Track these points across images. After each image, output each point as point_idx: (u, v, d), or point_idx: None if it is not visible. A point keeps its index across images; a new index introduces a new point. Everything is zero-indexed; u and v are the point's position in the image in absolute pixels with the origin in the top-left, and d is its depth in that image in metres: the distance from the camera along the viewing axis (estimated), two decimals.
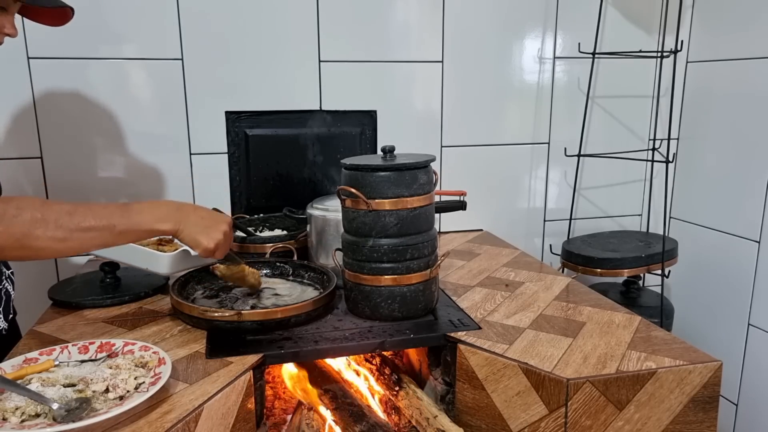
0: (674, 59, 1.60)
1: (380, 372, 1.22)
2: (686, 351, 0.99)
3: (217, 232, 1.03)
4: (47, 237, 0.85)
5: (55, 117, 1.48)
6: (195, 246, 1.03)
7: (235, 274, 1.16)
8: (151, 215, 0.96)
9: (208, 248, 1.03)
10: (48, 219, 0.85)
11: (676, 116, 1.90)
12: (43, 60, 1.44)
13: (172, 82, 1.53)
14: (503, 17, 1.72)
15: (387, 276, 1.09)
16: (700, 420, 0.96)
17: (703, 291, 1.86)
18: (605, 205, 1.94)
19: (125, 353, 0.93)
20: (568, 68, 1.80)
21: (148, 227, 0.96)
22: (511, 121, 1.80)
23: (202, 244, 1.02)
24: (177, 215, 0.99)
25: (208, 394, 0.86)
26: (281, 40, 1.58)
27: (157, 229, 0.97)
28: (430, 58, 1.69)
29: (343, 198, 1.11)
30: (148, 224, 0.96)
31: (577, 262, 1.66)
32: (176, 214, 0.99)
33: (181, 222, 0.99)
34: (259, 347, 1.01)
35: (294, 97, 1.62)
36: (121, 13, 1.47)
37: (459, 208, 1.36)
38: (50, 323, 1.13)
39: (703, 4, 1.80)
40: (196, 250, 1.04)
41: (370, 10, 1.62)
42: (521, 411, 0.97)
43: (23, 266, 1.52)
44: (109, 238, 0.92)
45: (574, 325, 1.10)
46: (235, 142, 1.60)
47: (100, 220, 0.90)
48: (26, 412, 0.78)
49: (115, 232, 0.92)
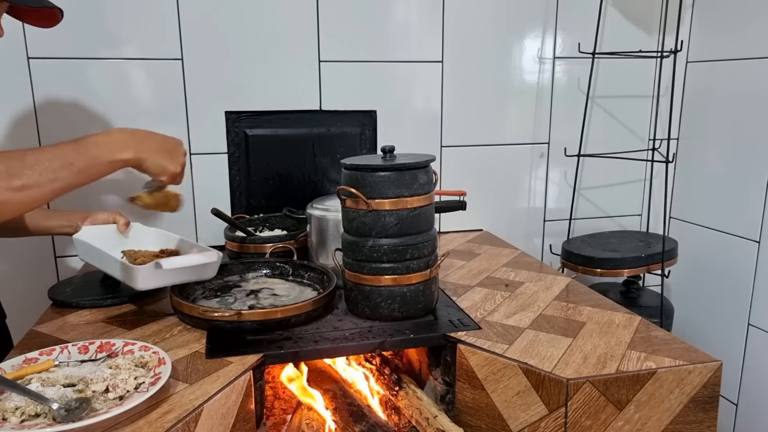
0: (674, 59, 1.60)
1: (380, 372, 1.22)
2: (686, 351, 0.99)
3: (178, 154, 1.00)
4: (2, 188, 0.79)
5: (55, 117, 1.48)
6: (161, 172, 0.98)
7: (159, 200, 1.11)
8: (108, 146, 0.91)
9: (176, 172, 0.99)
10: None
11: (676, 116, 1.90)
12: (43, 60, 1.44)
13: (172, 82, 1.54)
14: (503, 17, 1.72)
15: (387, 276, 1.09)
16: (700, 420, 0.96)
17: (703, 291, 1.86)
18: (605, 205, 1.94)
19: (125, 353, 0.93)
20: (568, 68, 1.80)
21: (109, 158, 0.90)
22: (511, 121, 1.80)
23: (168, 169, 0.98)
24: (134, 143, 0.93)
25: (208, 394, 0.86)
26: (281, 40, 1.58)
27: (118, 159, 0.91)
28: (430, 58, 1.69)
29: (343, 198, 1.11)
30: (107, 155, 0.90)
31: (577, 262, 1.66)
32: (132, 141, 0.93)
33: (140, 149, 0.94)
34: (259, 347, 1.00)
35: (294, 97, 1.62)
36: (121, 13, 1.47)
37: (459, 208, 1.36)
38: (50, 323, 1.13)
39: (703, 4, 1.80)
40: (162, 176, 0.99)
41: (370, 10, 1.62)
42: (521, 411, 0.97)
43: (23, 266, 1.52)
44: (70, 178, 0.85)
45: (574, 325, 1.10)
46: (235, 142, 1.61)
47: (54, 160, 0.84)
48: (26, 412, 0.78)
49: (74, 170, 0.86)
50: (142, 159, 0.94)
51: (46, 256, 1.53)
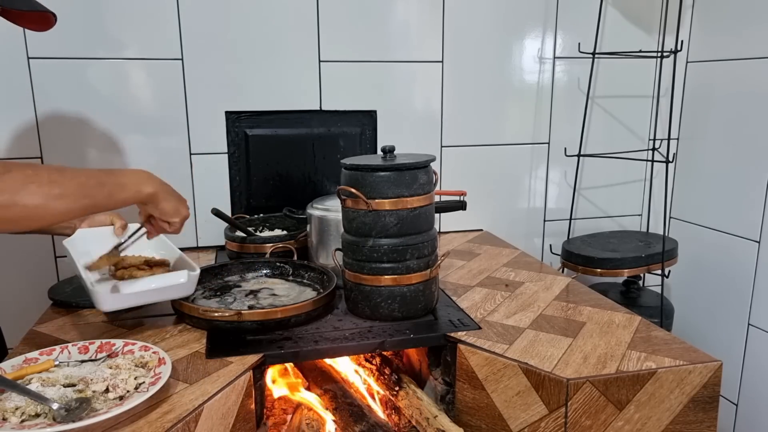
0: (674, 59, 1.60)
1: (380, 372, 1.22)
2: (686, 351, 0.99)
3: (185, 206, 1.04)
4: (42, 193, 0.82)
5: (56, 117, 1.48)
6: (175, 213, 1.02)
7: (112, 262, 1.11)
8: (135, 178, 0.96)
9: (186, 216, 1.04)
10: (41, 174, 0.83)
11: (676, 116, 1.90)
12: (43, 60, 1.44)
13: (172, 82, 1.53)
14: (503, 17, 1.72)
15: (387, 276, 1.09)
16: (700, 420, 0.96)
17: (703, 291, 1.86)
18: (605, 205, 1.94)
19: (125, 353, 0.94)
20: (568, 68, 1.80)
21: (135, 188, 0.95)
22: (511, 121, 1.80)
23: (181, 211, 1.03)
24: (156, 181, 0.99)
25: (208, 394, 0.86)
26: (281, 40, 1.58)
27: (142, 191, 0.96)
28: (430, 58, 1.69)
29: (343, 198, 1.11)
30: (134, 185, 0.95)
31: (577, 262, 1.66)
32: (155, 180, 0.99)
33: (161, 189, 0.99)
34: (259, 347, 1.01)
35: (294, 97, 1.62)
36: (121, 13, 1.47)
37: (459, 208, 1.36)
38: (50, 323, 1.13)
39: (703, 4, 1.80)
40: (174, 217, 1.02)
41: (370, 10, 1.62)
42: (521, 411, 0.97)
43: (23, 266, 1.52)
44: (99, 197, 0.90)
45: (574, 325, 1.10)
46: (235, 142, 1.61)
47: (90, 178, 0.89)
48: (26, 412, 0.78)
49: (104, 191, 0.90)
50: (161, 197, 0.99)
51: (46, 256, 1.53)
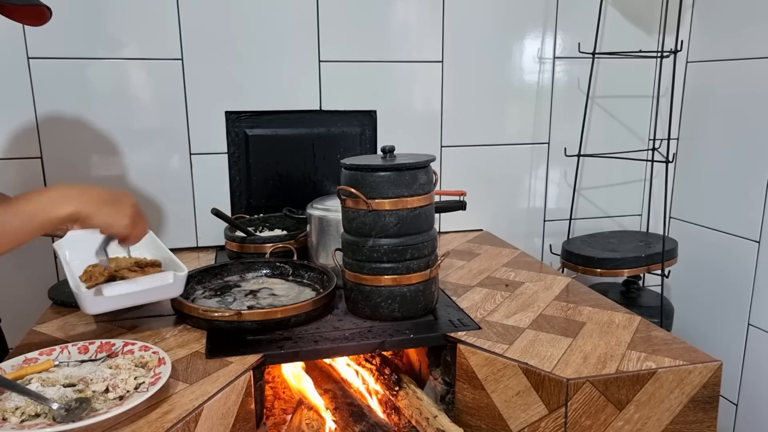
0: (674, 59, 1.60)
1: (380, 372, 1.22)
2: (686, 351, 0.99)
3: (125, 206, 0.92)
4: None
5: (55, 117, 1.48)
6: (110, 226, 0.92)
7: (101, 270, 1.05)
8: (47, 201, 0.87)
9: (127, 225, 0.92)
10: None
11: (676, 116, 1.90)
12: (43, 60, 1.44)
13: (172, 82, 1.53)
14: (503, 17, 1.72)
15: (387, 276, 1.09)
16: (700, 420, 0.96)
17: (703, 291, 1.86)
18: (605, 205, 1.94)
19: (125, 353, 0.94)
20: (568, 68, 1.80)
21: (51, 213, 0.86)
22: (511, 121, 1.80)
23: (115, 222, 0.91)
24: (72, 197, 0.88)
25: (208, 394, 0.86)
26: (281, 40, 1.58)
27: (58, 213, 0.86)
28: (430, 58, 1.69)
29: (343, 198, 1.11)
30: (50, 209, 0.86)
31: (577, 262, 1.66)
32: (71, 196, 0.88)
33: (82, 203, 0.87)
34: (259, 347, 1.01)
35: (294, 97, 1.62)
36: (121, 13, 1.47)
37: (459, 208, 1.36)
38: (50, 323, 1.13)
39: (703, 4, 1.80)
40: (108, 230, 0.93)
41: (370, 10, 1.62)
42: (521, 411, 0.97)
43: (23, 266, 1.52)
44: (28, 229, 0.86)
45: (574, 325, 1.10)
46: (235, 142, 1.60)
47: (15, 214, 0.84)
48: (26, 412, 0.78)
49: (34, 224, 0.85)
50: (85, 214, 0.88)
51: (46, 256, 1.53)
